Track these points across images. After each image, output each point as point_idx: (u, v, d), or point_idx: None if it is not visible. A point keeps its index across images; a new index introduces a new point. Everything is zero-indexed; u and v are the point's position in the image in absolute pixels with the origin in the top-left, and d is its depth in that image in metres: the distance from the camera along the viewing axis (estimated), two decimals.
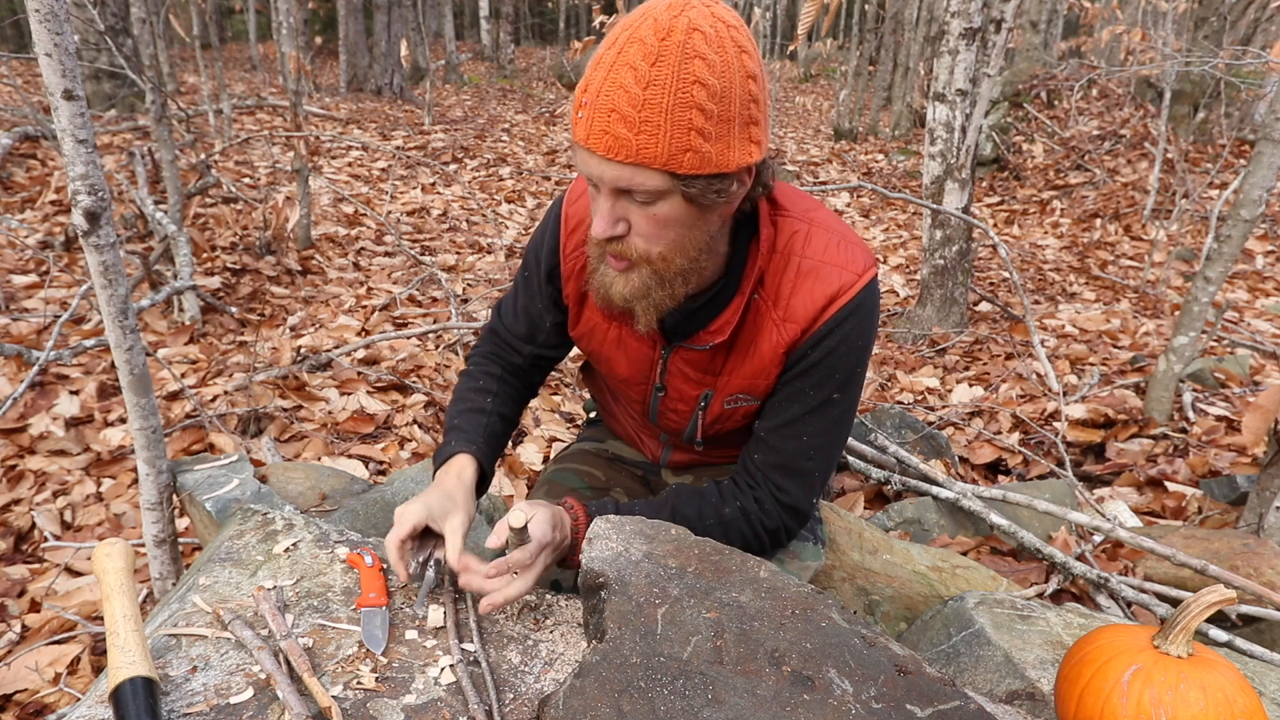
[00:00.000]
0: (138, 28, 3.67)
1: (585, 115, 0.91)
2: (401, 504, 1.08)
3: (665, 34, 0.87)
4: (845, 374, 1.13)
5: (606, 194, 0.96)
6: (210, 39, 6.68)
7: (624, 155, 0.90)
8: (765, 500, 1.19)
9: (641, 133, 0.88)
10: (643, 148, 0.89)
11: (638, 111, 0.88)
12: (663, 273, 1.01)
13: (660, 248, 0.99)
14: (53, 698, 1.66)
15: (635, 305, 1.05)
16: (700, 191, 0.93)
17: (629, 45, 0.88)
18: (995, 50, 3.69)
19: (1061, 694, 0.97)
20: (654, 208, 0.95)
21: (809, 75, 19.43)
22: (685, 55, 0.87)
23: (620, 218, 0.97)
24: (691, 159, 0.90)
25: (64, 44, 1.14)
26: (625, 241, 0.99)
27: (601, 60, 0.91)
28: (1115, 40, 9.72)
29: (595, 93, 0.90)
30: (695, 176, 0.92)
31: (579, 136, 0.93)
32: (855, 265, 1.09)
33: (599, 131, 0.90)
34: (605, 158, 0.91)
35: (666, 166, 0.90)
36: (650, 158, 0.89)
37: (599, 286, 1.07)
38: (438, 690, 0.91)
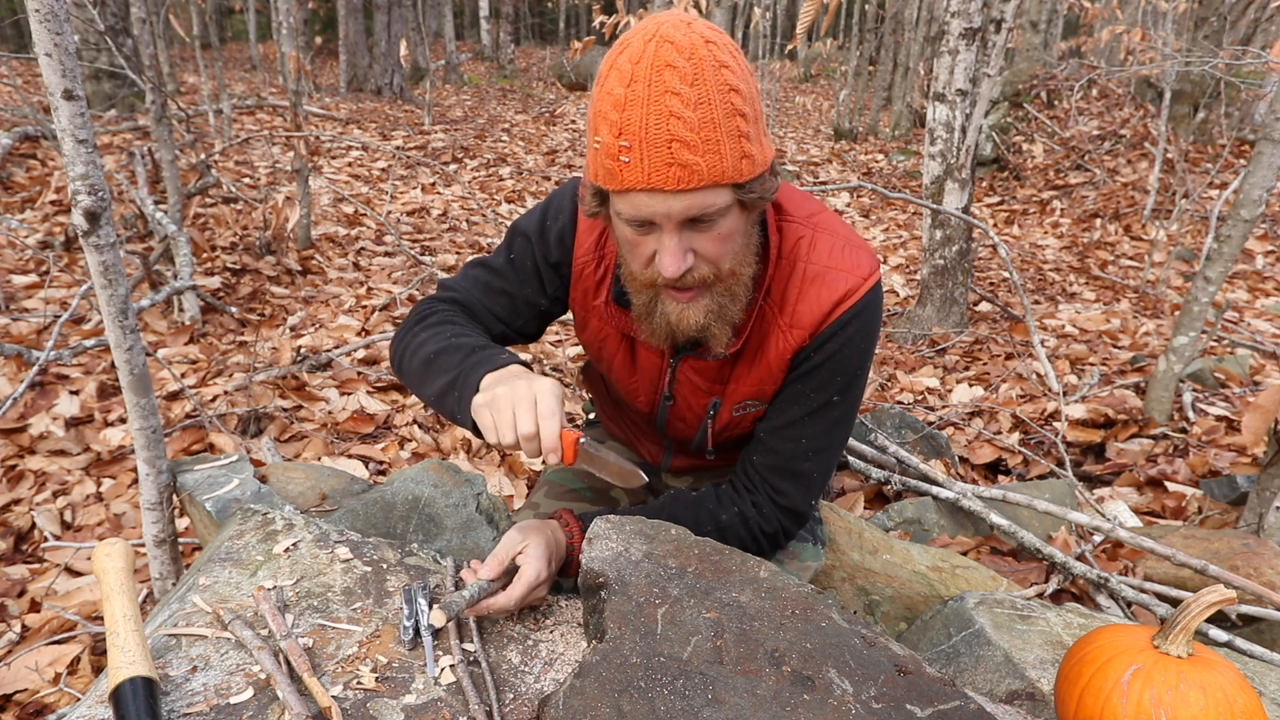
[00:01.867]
0: (138, 28, 3.67)
1: (636, 156, 0.88)
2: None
3: (690, 53, 0.86)
4: (847, 377, 1.13)
5: (672, 229, 0.93)
6: (210, 39, 6.68)
7: (697, 182, 0.88)
8: (763, 504, 1.19)
9: (708, 153, 0.87)
10: (713, 167, 0.88)
11: (698, 134, 0.86)
12: (733, 287, 1.01)
13: (728, 263, 0.98)
14: (53, 698, 1.66)
15: (712, 328, 1.03)
16: (757, 195, 0.94)
17: (659, 74, 0.86)
18: (995, 50, 3.69)
19: (1061, 694, 0.97)
20: (719, 227, 0.94)
21: (809, 75, 19.43)
22: (715, 66, 0.87)
23: (687, 249, 0.94)
24: (747, 165, 0.91)
25: (64, 44, 1.14)
26: (694, 271, 0.97)
27: (631, 99, 0.87)
28: (1115, 40, 9.72)
29: (642, 128, 0.87)
30: (751, 182, 0.92)
31: (634, 181, 0.89)
32: (860, 269, 1.09)
33: (662, 166, 0.87)
34: (676, 191, 0.88)
35: (733, 179, 0.90)
36: (720, 174, 0.89)
37: (661, 326, 1.03)
38: (438, 690, 0.91)
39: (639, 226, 0.95)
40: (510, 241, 1.22)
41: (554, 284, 1.21)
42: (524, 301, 1.22)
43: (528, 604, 1.04)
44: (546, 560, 1.04)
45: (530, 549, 1.03)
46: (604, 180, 0.93)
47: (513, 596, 0.99)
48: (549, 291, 1.22)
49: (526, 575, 1.01)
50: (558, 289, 1.22)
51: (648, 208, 0.91)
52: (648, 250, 0.96)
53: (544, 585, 1.04)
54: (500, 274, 1.22)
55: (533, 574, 1.01)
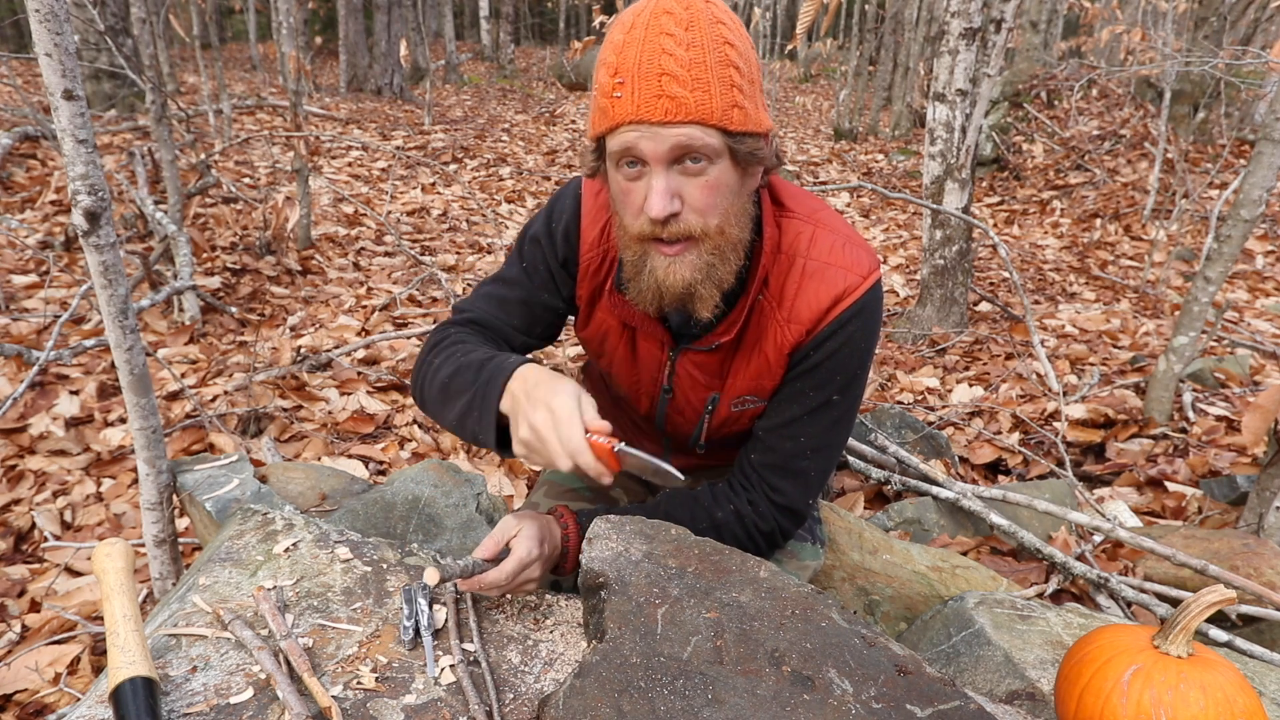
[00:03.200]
0: (138, 28, 3.67)
1: (628, 90, 0.91)
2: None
3: (688, 4, 0.92)
4: (847, 376, 1.12)
5: (660, 168, 0.94)
6: (210, 39, 6.68)
7: (683, 114, 0.91)
8: (760, 502, 1.18)
9: (696, 89, 0.90)
10: (700, 104, 0.91)
11: (688, 71, 0.90)
12: (721, 246, 1.00)
13: (716, 219, 0.98)
14: (53, 698, 1.66)
15: (698, 287, 1.01)
16: (748, 149, 0.95)
17: (656, 18, 0.91)
18: (995, 50, 3.69)
19: (1061, 694, 0.97)
20: (708, 174, 0.95)
21: (809, 75, 19.43)
22: (711, 20, 0.92)
23: (675, 192, 0.95)
24: (739, 115, 0.93)
25: (64, 44, 1.14)
26: (681, 219, 0.97)
27: (629, 41, 0.92)
28: (1115, 40, 9.72)
29: (635, 65, 0.91)
30: (743, 134, 0.94)
31: (624, 114, 0.92)
32: (860, 267, 1.09)
33: (651, 98, 0.91)
34: (664, 121, 0.91)
35: (721, 123, 0.92)
36: (708, 113, 0.91)
37: (649, 285, 1.02)
38: (438, 690, 0.91)
39: (629, 168, 0.96)
40: (520, 248, 1.23)
41: (566, 284, 1.22)
42: (541, 307, 1.23)
43: (519, 585, 1.04)
44: (539, 542, 1.05)
45: (523, 531, 1.05)
46: (598, 124, 0.96)
47: (505, 571, 1.01)
48: (563, 293, 1.22)
49: (518, 552, 1.02)
50: (570, 289, 1.22)
51: (635, 142, 0.93)
52: (638, 198, 0.97)
53: (535, 566, 1.05)
54: (515, 284, 1.23)
55: (524, 551, 1.02)
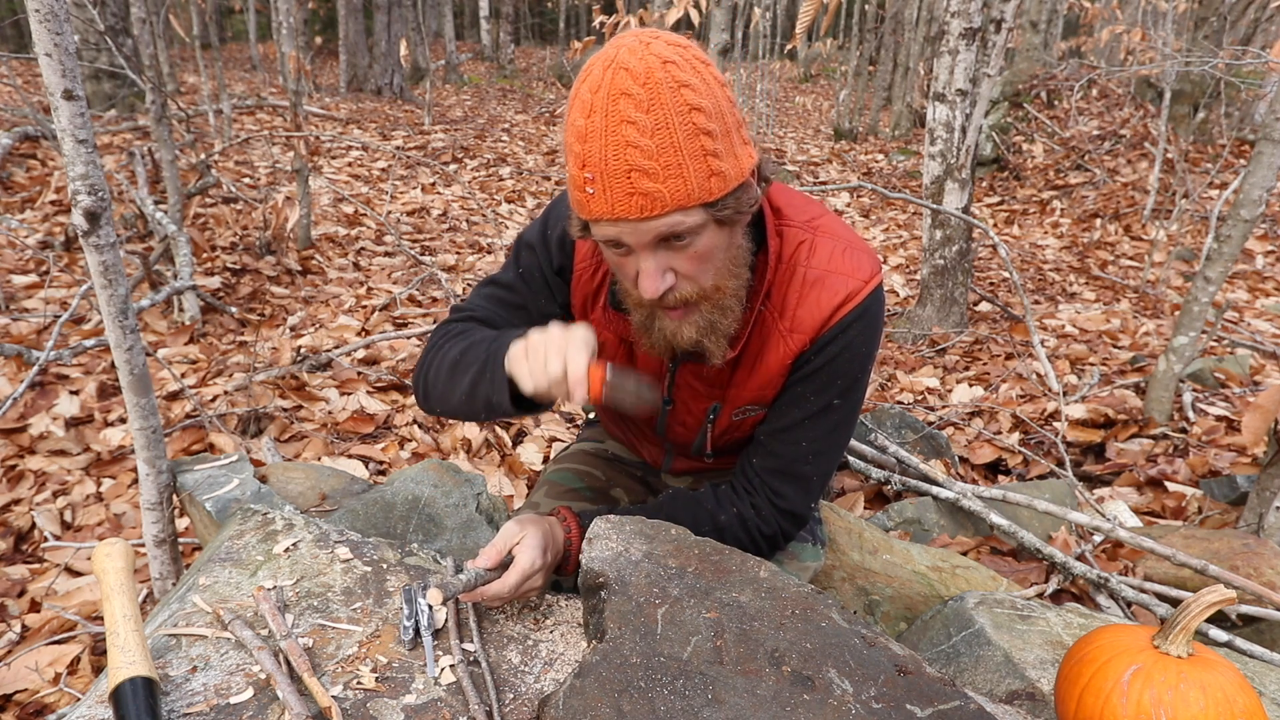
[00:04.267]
0: (138, 28, 3.67)
1: (600, 188, 0.88)
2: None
3: (645, 78, 0.85)
4: (848, 380, 1.12)
5: (646, 252, 0.93)
6: (210, 39, 6.68)
7: (660, 208, 0.88)
8: (762, 506, 1.18)
9: (669, 178, 0.87)
10: (675, 192, 0.88)
11: (657, 161, 0.86)
12: (720, 302, 1.01)
13: (710, 280, 0.98)
14: (53, 698, 1.66)
15: (705, 342, 1.03)
16: (732, 210, 0.93)
17: (614, 104, 0.85)
18: (995, 50, 3.69)
19: (1061, 694, 0.97)
20: (695, 246, 0.94)
21: (809, 75, 19.43)
22: (673, 89, 0.86)
23: (665, 269, 0.95)
24: (717, 183, 0.90)
25: (64, 44, 1.14)
26: (676, 290, 0.97)
27: (590, 131, 0.87)
28: (1115, 40, 9.72)
29: (601, 160, 0.87)
30: (724, 198, 0.91)
31: (598, 212, 0.90)
32: (861, 272, 1.08)
33: (623, 196, 0.88)
34: (640, 219, 0.89)
35: (700, 200, 0.89)
36: (685, 198, 0.88)
37: (659, 341, 1.04)
38: (438, 690, 0.91)
39: (616, 249, 0.96)
40: (517, 254, 1.23)
41: (562, 292, 1.22)
42: (539, 314, 1.22)
43: (523, 594, 1.04)
44: (542, 551, 1.05)
45: (527, 540, 1.04)
46: (576, 209, 0.94)
47: (507, 584, 1.01)
48: (559, 299, 1.22)
49: (521, 564, 1.02)
50: (565, 295, 1.22)
51: (618, 235, 0.92)
52: (632, 271, 0.97)
53: (538, 575, 1.05)
54: (513, 288, 1.23)
55: (527, 563, 1.02)
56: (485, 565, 1.01)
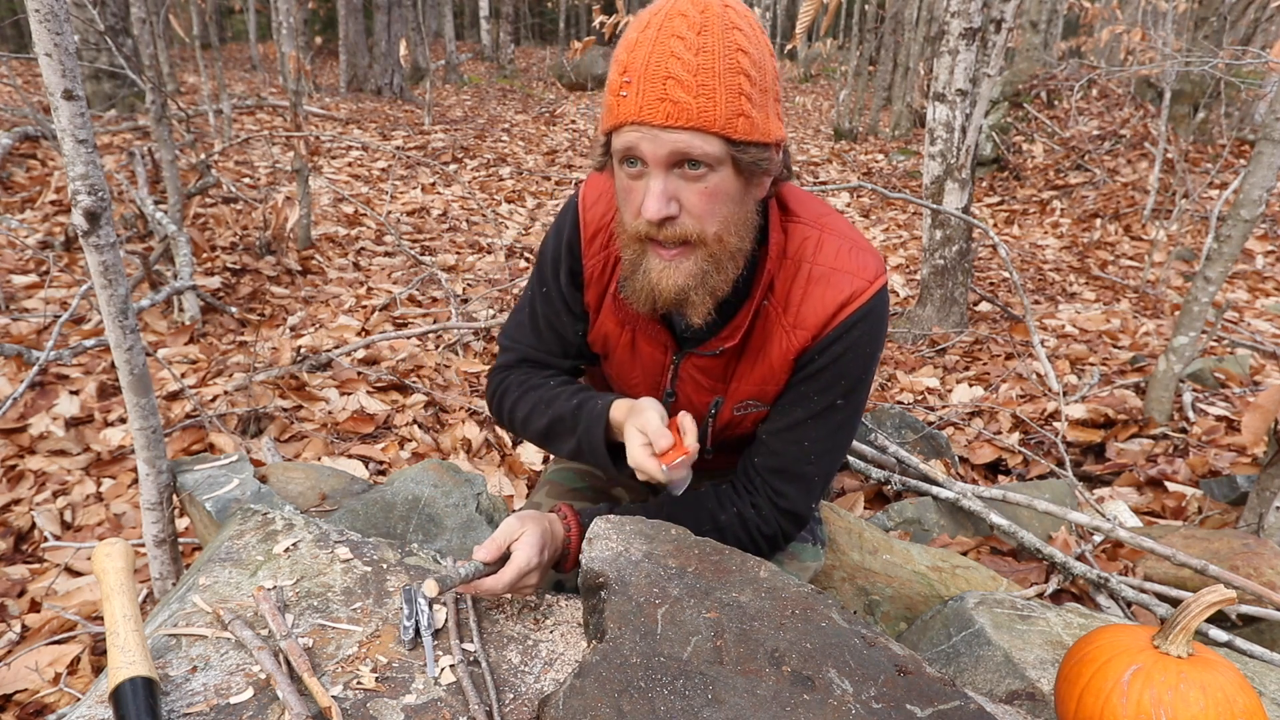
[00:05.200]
0: (138, 28, 3.67)
1: (634, 90, 0.91)
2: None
3: (704, 6, 0.90)
4: (851, 380, 1.12)
5: (659, 170, 0.93)
6: (210, 39, 6.68)
7: (685, 120, 0.90)
8: (763, 506, 1.18)
9: (700, 95, 0.89)
10: (703, 110, 0.89)
11: (694, 76, 0.89)
12: (718, 254, 0.99)
13: (714, 226, 0.97)
14: (53, 698, 1.66)
15: (691, 294, 1.00)
16: (751, 159, 0.94)
17: (670, 19, 0.90)
18: (995, 50, 3.69)
19: (1061, 694, 0.97)
20: (707, 181, 0.94)
21: (809, 75, 19.43)
22: (726, 25, 0.90)
23: (672, 196, 0.94)
24: (744, 124, 0.91)
25: (64, 44, 1.14)
26: (677, 223, 0.96)
27: (640, 40, 0.91)
28: (1115, 40, 9.72)
29: (643, 66, 0.90)
30: (747, 143, 0.93)
31: (627, 113, 0.92)
32: (866, 272, 1.08)
33: (654, 100, 0.90)
34: (664, 125, 0.90)
35: (724, 131, 0.91)
36: (710, 120, 0.90)
37: (643, 286, 1.02)
38: (438, 690, 0.91)
39: (630, 166, 0.96)
40: (540, 273, 1.25)
41: (576, 300, 1.22)
42: (568, 330, 1.25)
43: (518, 590, 1.05)
44: (539, 549, 1.05)
45: (525, 537, 1.05)
46: (605, 119, 0.96)
47: (502, 580, 1.01)
48: (575, 310, 1.23)
49: (517, 561, 1.02)
50: (581, 303, 1.23)
51: (636, 143, 0.93)
52: (638, 197, 0.96)
53: (534, 573, 1.05)
54: (542, 313, 1.26)
55: (523, 560, 1.02)
56: (483, 559, 1.02)
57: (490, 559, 1.02)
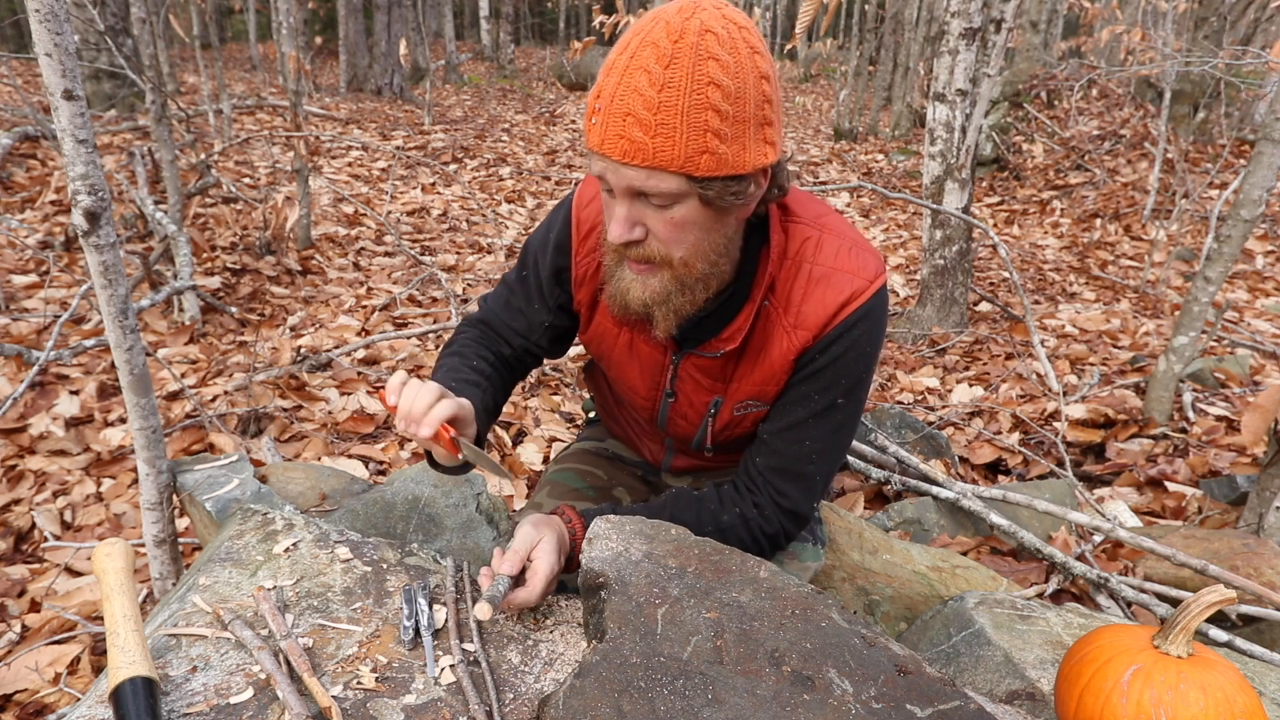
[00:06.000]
0: (138, 28, 3.67)
1: (600, 120, 0.91)
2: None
3: (678, 36, 0.87)
4: (852, 380, 1.12)
5: (622, 198, 0.95)
6: (210, 39, 6.68)
7: (640, 159, 0.89)
8: (765, 505, 1.19)
9: (658, 135, 0.88)
10: (659, 151, 0.89)
11: (653, 114, 0.88)
12: (683, 278, 1.01)
13: (680, 252, 0.98)
14: (53, 698, 1.66)
15: (654, 310, 1.04)
16: (718, 194, 0.93)
17: (642, 49, 0.88)
18: (995, 50, 3.69)
19: (1061, 694, 0.97)
20: (671, 211, 0.95)
21: (809, 75, 19.43)
22: (699, 57, 0.87)
23: (637, 222, 0.96)
24: (708, 161, 0.90)
25: (64, 44, 1.14)
26: (644, 245, 0.98)
27: (614, 65, 0.90)
28: (1115, 40, 9.72)
29: (609, 98, 0.90)
30: (712, 179, 0.92)
31: (593, 143, 0.93)
32: (866, 272, 1.09)
33: (614, 136, 0.90)
34: (620, 162, 0.90)
35: (683, 169, 0.90)
36: (666, 161, 0.89)
37: (616, 292, 1.05)
38: (438, 690, 0.91)
39: (605, 187, 0.98)
40: (523, 259, 1.27)
41: (556, 296, 1.24)
42: (535, 320, 1.27)
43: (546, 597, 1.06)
44: (558, 555, 1.05)
45: (544, 544, 1.05)
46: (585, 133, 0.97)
47: (535, 592, 1.01)
48: (551, 305, 1.25)
49: (543, 570, 1.02)
50: (562, 299, 1.24)
51: (600, 171, 0.94)
52: (611, 213, 0.99)
53: (556, 580, 1.06)
54: (514, 291, 1.28)
55: (548, 569, 1.03)
56: (509, 571, 1.01)
57: (516, 571, 1.02)
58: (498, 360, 1.30)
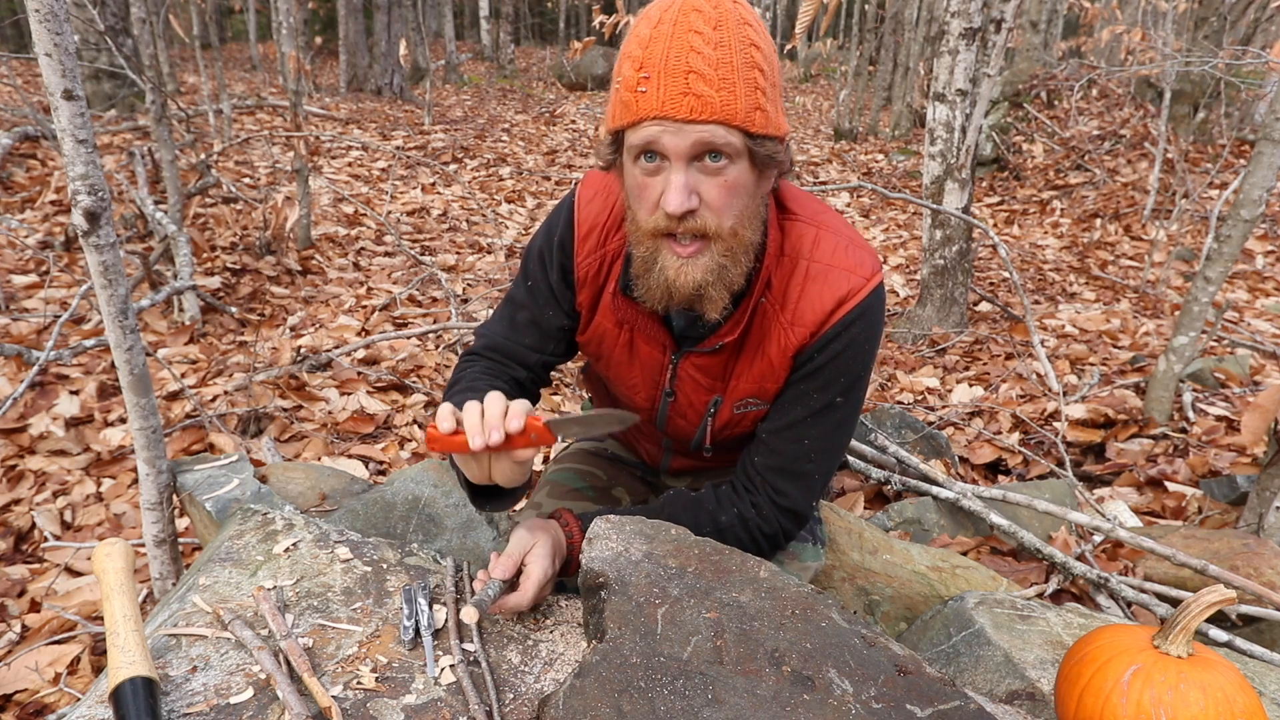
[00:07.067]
0: (138, 28, 3.67)
1: (654, 85, 0.91)
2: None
3: (717, 3, 0.92)
4: (850, 378, 1.13)
5: (680, 163, 0.93)
6: (210, 39, 6.68)
7: (709, 114, 0.90)
8: (763, 505, 1.18)
9: (722, 89, 0.90)
10: (725, 104, 0.90)
11: (715, 70, 0.90)
12: (734, 247, 1.00)
13: (730, 219, 0.98)
14: (53, 698, 1.66)
15: (709, 289, 1.01)
16: (767, 153, 0.95)
17: (684, 15, 0.91)
18: (995, 50, 3.69)
19: (1061, 694, 0.97)
20: (726, 174, 0.95)
21: (809, 75, 19.43)
22: (739, 21, 0.92)
23: (693, 189, 0.95)
24: (760, 118, 0.93)
25: (64, 44, 1.14)
26: (697, 215, 0.96)
27: (656, 36, 0.92)
28: (1115, 40, 9.72)
29: (662, 60, 0.91)
30: (764, 137, 0.94)
31: (648, 108, 0.92)
32: (863, 269, 1.09)
33: (677, 95, 0.90)
34: (688, 119, 0.91)
35: (744, 124, 0.92)
36: (732, 113, 0.91)
37: (658, 283, 1.01)
38: (438, 690, 0.91)
39: (648, 161, 0.95)
40: (525, 267, 1.24)
41: (567, 297, 1.22)
42: (551, 326, 1.24)
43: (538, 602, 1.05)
44: (551, 559, 1.05)
45: (538, 548, 1.04)
46: (619, 117, 0.96)
47: (526, 596, 1.01)
48: (565, 307, 1.23)
49: (536, 575, 1.02)
50: (571, 300, 1.23)
51: (659, 137, 0.93)
52: (655, 193, 0.96)
53: (549, 584, 1.06)
54: (522, 305, 1.25)
55: (540, 573, 1.02)
56: (502, 575, 1.01)
57: (509, 576, 1.02)
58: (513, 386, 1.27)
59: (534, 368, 1.28)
